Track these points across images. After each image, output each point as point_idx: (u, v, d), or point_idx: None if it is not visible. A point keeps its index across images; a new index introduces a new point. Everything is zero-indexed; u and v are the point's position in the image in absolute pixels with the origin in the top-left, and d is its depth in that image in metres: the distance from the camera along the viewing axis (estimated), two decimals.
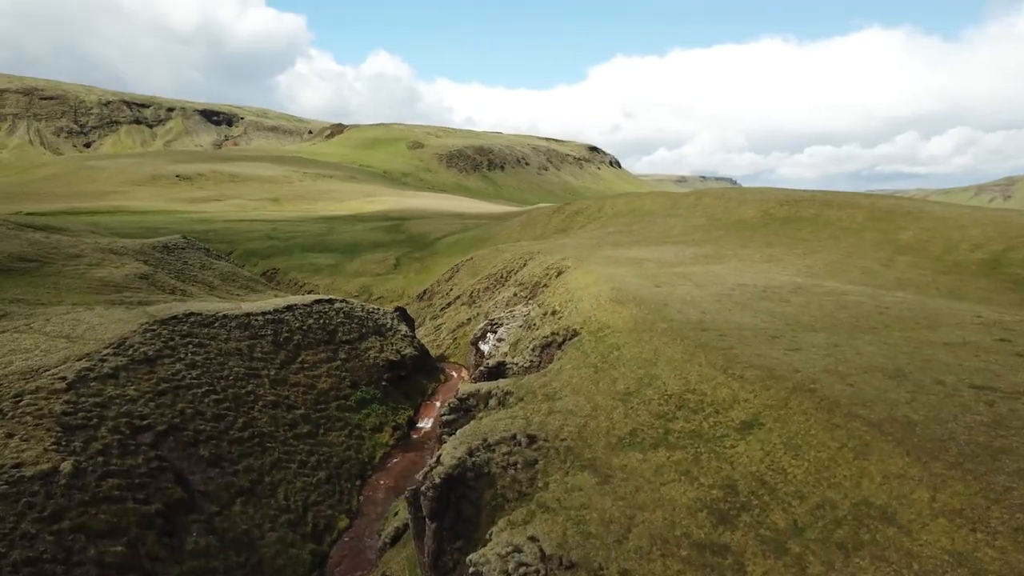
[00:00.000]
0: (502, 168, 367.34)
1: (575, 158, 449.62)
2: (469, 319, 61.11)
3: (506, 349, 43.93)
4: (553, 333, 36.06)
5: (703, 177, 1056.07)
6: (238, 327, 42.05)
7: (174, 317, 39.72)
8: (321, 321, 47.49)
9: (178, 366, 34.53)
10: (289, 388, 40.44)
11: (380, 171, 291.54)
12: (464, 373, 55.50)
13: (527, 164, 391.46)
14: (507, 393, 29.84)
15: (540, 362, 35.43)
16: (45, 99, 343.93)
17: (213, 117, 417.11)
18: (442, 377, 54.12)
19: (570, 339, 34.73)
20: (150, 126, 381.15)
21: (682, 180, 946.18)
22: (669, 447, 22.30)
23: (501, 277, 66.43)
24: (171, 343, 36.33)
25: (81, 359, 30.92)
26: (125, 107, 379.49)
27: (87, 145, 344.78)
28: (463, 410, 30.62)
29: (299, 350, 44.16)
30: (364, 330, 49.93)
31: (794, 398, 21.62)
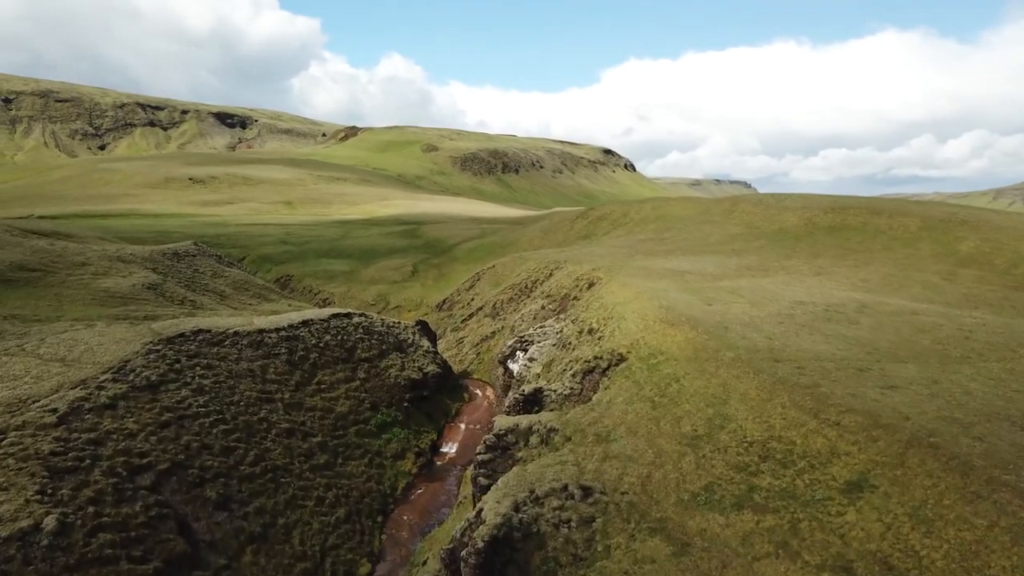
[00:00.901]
0: (516, 171, 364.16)
1: (590, 161, 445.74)
2: (493, 332, 57.71)
3: (538, 370, 40.48)
4: (596, 357, 32.56)
5: (717, 180, 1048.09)
6: (250, 345, 38.84)
7: (181, 335, 36.58)
8: (339, 337, 44.24)
9: (184, 392, 31.32)
10: (305, 413, 37.17)
11: (394, 174, 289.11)
12: (489, 391, 52.13)
13: (541, 167, 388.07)
14: (551, 430, 26.37)
15: (582, 390, 31.96)
16: (60, 101, 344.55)
17: (227, 120, 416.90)
18: (466, 396, 50.72)
19: (616, 365, 31.22)
20: (164, 128, 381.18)
21: (696, 183, 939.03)
22: (757, 509, 18.74)
23: (525, 288, 63.00)
24: (177, 365, 33.15)
25: (76, 387, 27.77)
26: (140, 109, 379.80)
27: (102, 147, 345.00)
28: (500, 448, 27.19)
29: (315, 369, 40.90)
30: (384, 346, 46.64)
31: (912, 454, 18.01)
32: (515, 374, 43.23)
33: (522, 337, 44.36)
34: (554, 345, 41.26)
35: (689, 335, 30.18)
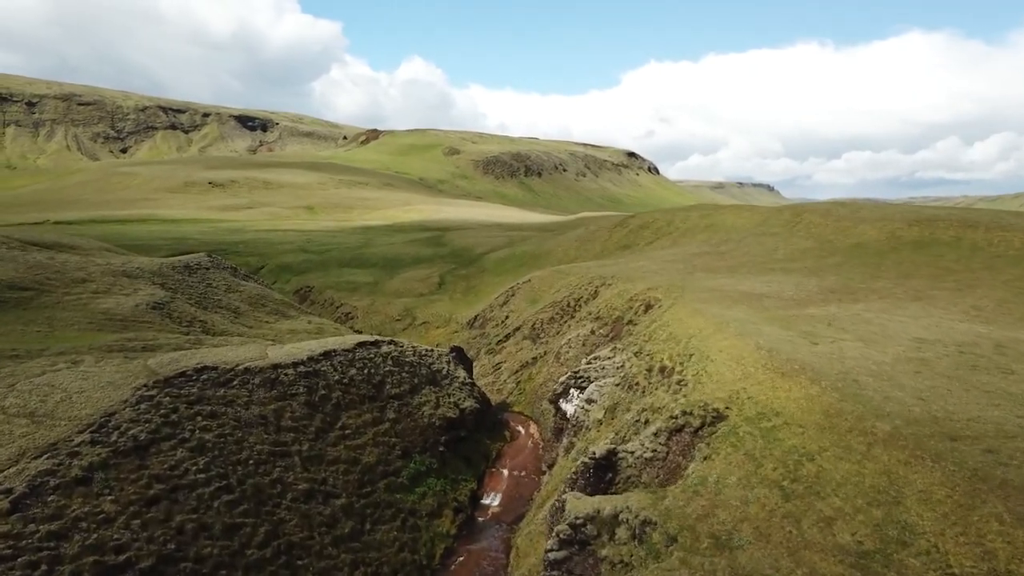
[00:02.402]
0: (539, 175, 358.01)
1: (613, 164, 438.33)
2: (535, 358, 51.61)
3: (599, 415, 34.32)
4: (684, 412, 26.33)
5: (740, 183, 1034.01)
6: (263, 385, 33.09)
7: (182, 374, 30.94)
8: (365, 371, 38.36)
9: (180, 453, 25.58)
10: (326, 467, 31.33)
11: (416, 178, 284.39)
12: (533, 428, 46.05)
13: (564, 170, 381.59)
14: (645, 523, 20.21)
15: (668, 453, 25.75)
16: (83, 105, 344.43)
17: (248, 123, 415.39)
18: (507, 434, 44.68)
19: (713, 424, 24.99)
20: (186, 131, 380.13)
21: (719, 186, 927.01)
22: None
23: (568, 306, 56.86)
24: (173, 416, 27.46)
25: (42, 454, 22.13)
26: (161, 112, 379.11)
27: (124, 151, 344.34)
28: (578, 543, 21.08)
29: (339, 411, 35.05)
30: (416, 380, 40.72)
31: None
32: (569, 416, 37.11)
33: (576, 373, 38.17)
34: (617, 385, 35.05)
35: (810, 391, 23.86)
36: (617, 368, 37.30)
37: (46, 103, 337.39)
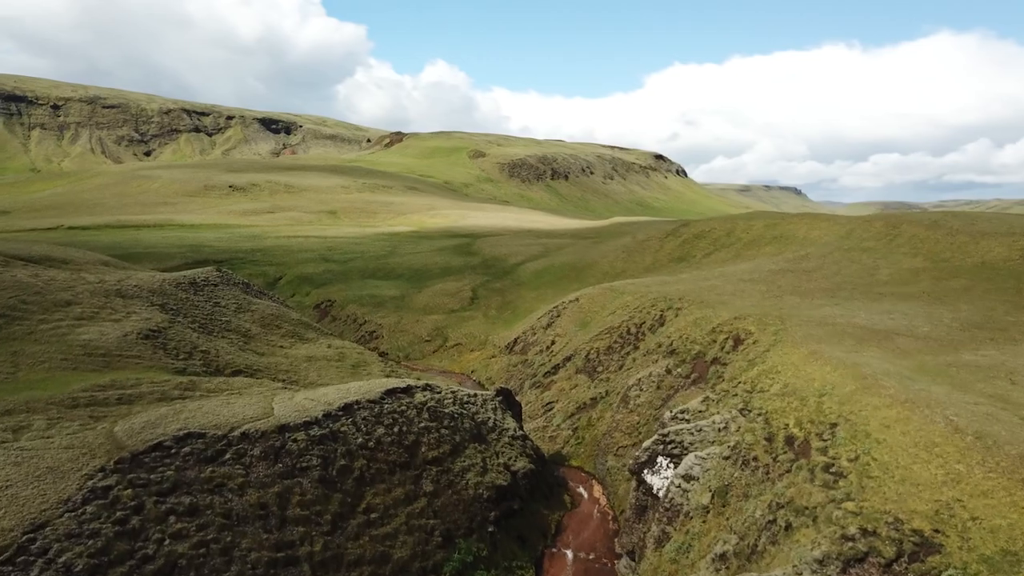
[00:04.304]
0: (566, 177, 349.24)
1: (641, 166, 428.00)
2: (594, 399, 43.34)
3: (704, 499, 25.98)
4: (865, 533, 18.00)
5: (767, 186, 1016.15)
6: (265, 457, 25.28)
7: (156, 447, 23.25)
8: (396, 429, 30.37)
9: None
10: (346, 572, 23.43)
11: (440, 181, 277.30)
12: (598, 489, 37.76)
13: (592, 173, 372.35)
14: None
15: None
16: (107, 108, 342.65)
17: (272, 125, 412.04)
18: (567, 499, 36.44)
19: (918, 556, 16.63)
20: (209, 134, 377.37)
21: (745, 189, 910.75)
22: None
23: (629, 333, 48.58)
24: (133, 521, 19.72)
25: None
26: (185, 115, 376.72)
27: (147, 153, 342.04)
28: None
29: (362, 487, 27.12)
30: (458, 437, 32.66)
31: None
32: (658, 493, 28.79)
33: (665, 436, 29.79)
34: (727, 459, 26.67)
35: None
36: (719, 430, 28.93)
37: (71, 106, 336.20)
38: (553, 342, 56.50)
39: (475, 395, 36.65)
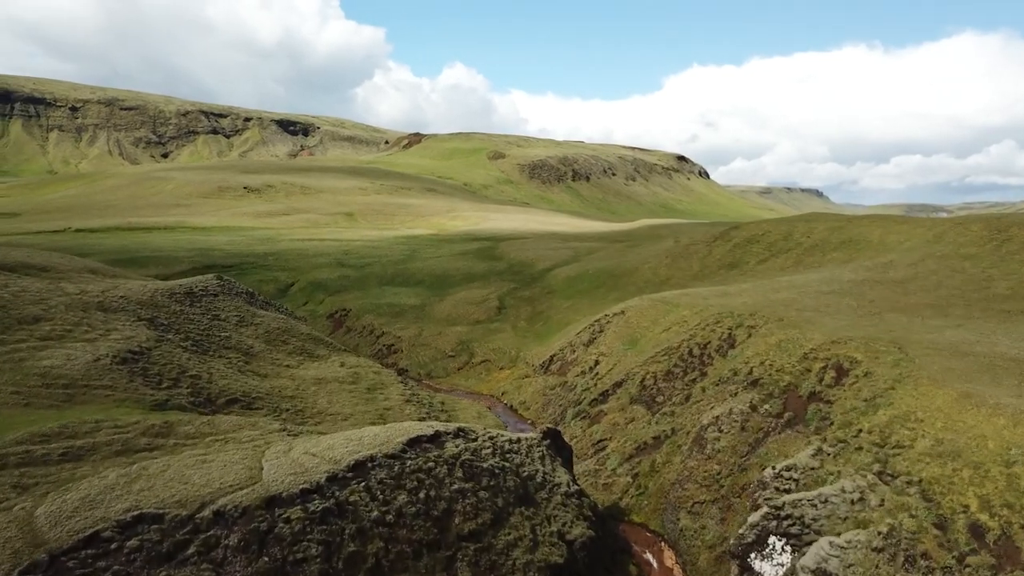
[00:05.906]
0: (587, 179, 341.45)
1: (663, 168, 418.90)
2: (658, 438, 36.03)
3: None
4: None
5: (788, 188, 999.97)
6: (243, 546, 18.37)
7: (90, 540, 16.45)
8: (421, 495, 23.31)
9: None
10: None
11: (460, 183, 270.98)
12: (669, 556, 30.49)
13: (613, 174, 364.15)
14: None
15: None
16: (125, 109, 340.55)
17: (290, 127, 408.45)
18: (633, 570, 29.22)
19: None
20: (227, 136, 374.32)
21: (766, 191, 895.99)
22: None
23: (691, 355, 41.29)
24: None
25: None
26: (203, 117, 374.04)
27: (165, 155, 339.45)
28: None
29: None
30: (500, 500, 25.55)
31: None
32: None
33: (779, 509, 22.49)
34: (878, 551, 19.35)
35: None
36: (851, 503, 21.58)
37: (89, 108, 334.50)
38: (597, 362, 49.29)
39: (518, 440, 29.51)
